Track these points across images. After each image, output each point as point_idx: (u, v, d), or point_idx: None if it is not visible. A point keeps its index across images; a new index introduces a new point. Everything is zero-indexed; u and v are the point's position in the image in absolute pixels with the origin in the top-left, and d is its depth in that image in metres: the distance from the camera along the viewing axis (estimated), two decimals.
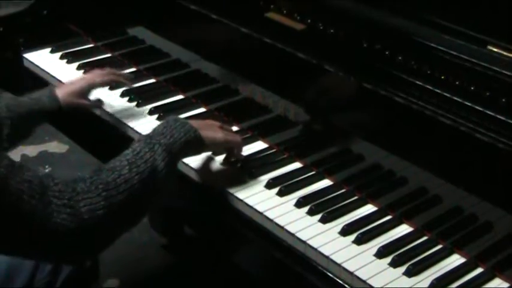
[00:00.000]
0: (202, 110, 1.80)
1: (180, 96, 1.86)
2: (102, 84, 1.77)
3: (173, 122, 1.43)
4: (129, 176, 1.29)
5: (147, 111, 1.78)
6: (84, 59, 2.02)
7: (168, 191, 1.38)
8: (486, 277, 1.27)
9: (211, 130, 1.49)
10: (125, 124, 1.73)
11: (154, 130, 1.41)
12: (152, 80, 1.95)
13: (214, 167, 1.57)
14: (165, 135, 1.39)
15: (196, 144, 1.44)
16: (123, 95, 1.85)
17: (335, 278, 1.31)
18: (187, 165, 1.57)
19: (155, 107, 1.79)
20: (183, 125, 1.42)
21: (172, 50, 1.97)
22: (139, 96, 1.83)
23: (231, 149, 1.55)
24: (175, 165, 1.40)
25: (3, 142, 1.48)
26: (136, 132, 1.69)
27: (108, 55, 2.07)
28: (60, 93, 1.66)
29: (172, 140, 1.39)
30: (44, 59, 2.02)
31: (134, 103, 1.82)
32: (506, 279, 1.26)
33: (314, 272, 1.34)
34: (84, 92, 1.72)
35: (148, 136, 1.39)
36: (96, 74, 1.76)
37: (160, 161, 1.34)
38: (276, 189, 1.50)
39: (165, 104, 1.81)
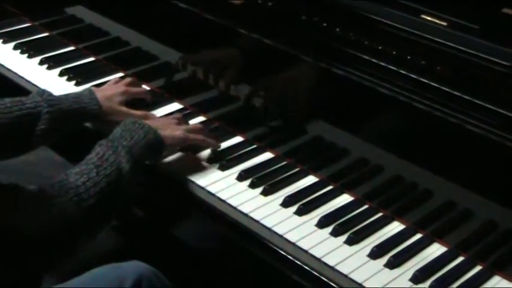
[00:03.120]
0: (145, 87, 1.78)
1: (121, 74, 1.84)
2: (137, 94, 1.69)
3: (131, 125, 1.41)
4: (97, 179, 1.28)
5: None
6: (21, 39, 1.98)
7: (133, 192, 1.37)
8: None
9: (170, 129, 1.47)
10: None
11: (114, 133, 1.39)
12: (92, 59, 1.92)
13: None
14: (125, 137, 1.38)
15: (157, 145, 1.43)
16: (61, 74, 1.82)
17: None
18: None
19: (95, 85, 1.76)
20: (142, 126, 1.41)
21: (112, 28, 1.95)
22: (78, 75, 1.81)
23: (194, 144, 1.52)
24: (139, 167, 1.38)
25: (34, 137, 1.47)
26: None
27: (46, 34, 2.03)
28: (98, 95, 1.59)
29: (133, 142, 1.37)
30: None
31: (73, 82, 1.79)
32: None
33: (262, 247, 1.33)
34: (123, 100, 1.64)
35: (109, 140, 1.37)
36: (129, 82, 1.69)
37: (125, 163, 1.33)
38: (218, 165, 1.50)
39: (105, 82, 1.78)
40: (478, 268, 1.26)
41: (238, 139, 1.59)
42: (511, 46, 1.27)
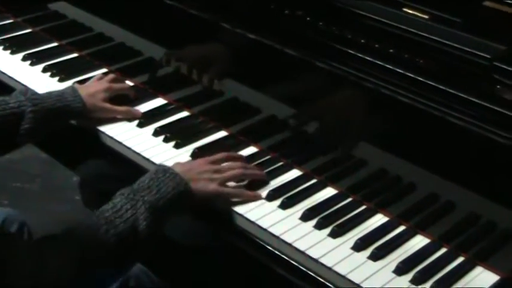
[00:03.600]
0: (129, 82, 1.78)
1: (104, 70, 1.84)
2: (121, 91, 1.67)
3: (161, 174, 1.30)
4: (105, 238, 1.18)
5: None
6: (4, 35, 1.97)
7: (151, 250, 1.26)
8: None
9: (204, 180, 1.34)
10: None
11: (140, 182, 1.28)
12: (75, 55, 1.92)
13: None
14: (151, 189, 1.26)
15: (185, 199, 1.31)
16: (45, 70, 1.81)
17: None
18: (120, 143, 1.56)
19: (78, 82, 1.75)
20: (172, 177, 1.29)
21: (95, 23, 1.94)
22: (62, 71, 1.80)
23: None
24: (160, 224, 1.26)
25: (19, 136, 1.45)
26: None
27: (29, 30, 2.02)
28: (82, 93, 1.58)
29: (158, 196, 1.26)
30: None
31: (57, 78, 1.79)
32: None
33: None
34: (106, 96, 1.62)
35: (132, 189, 1.26)
36: (112, 79, 1.68)
37: (142, 220, 1.22)
38: None
39: (89, 78, 1.77)
40: (460, 259, 1.27)
41: (222, 133, 1.59)
42: (492, 39, 1.27)
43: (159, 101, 1.70)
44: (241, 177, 1.40)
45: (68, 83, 1.75)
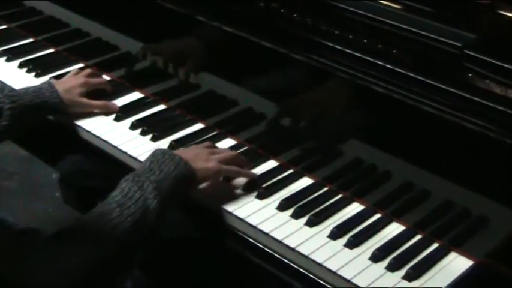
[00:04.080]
0: (105, 77, 1.78)
1: (81, 65, 1.84)
2: (97, 85, 1.68)
3: (161, 156, 1.31)
4: (119, 220, 1.17)
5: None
6: None
7: (161, 229, 1.25)
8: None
9: (202, 160, 1.35)
10: None
11: (141, 166, 1.30)
12: (51, 50, 1.92)
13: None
14: (154, 170, 1.27)
15: (188, 178, 1.31)
16: (21, 65, 1.81)
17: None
18: (97, 137, 1.56)
19: (55, 77, 1.76)
20: (172, 158, 1.30)
21: (71, 19, 1.94)
22: (38, 67, 1.80)
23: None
24: (168, 202, 1.26)
25: None
26: None
27: (5, 27, 2.02)
28: (59, 88, 1.58)
29: (162, 176, 1.26)
30: None
31: (33, 73, 1.79)
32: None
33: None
34: (83, 91, 1.63)
35: (135, 174, 1.26)
36: (88, 73, 1.68)
37: (152, 199, 1.22)
38: None
39: (66, 73, 1.77)
40: (435, 245, 1.28)
41: (199, 126, 1.60)
42: (462, 27, 1.29)
43: (136, 95, 1.71)
44: (234, 160, 1.42)
45: (45, 79, 1.75)
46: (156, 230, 1.23)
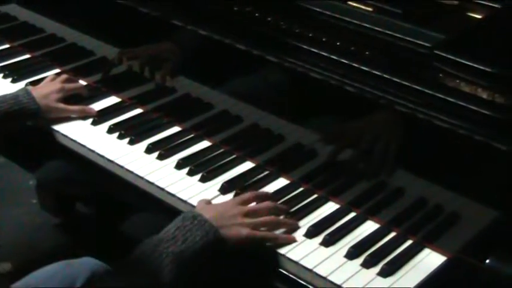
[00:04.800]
0: (82, 82, 1.78)
1: (57, 70, 1.84)
2: (74, 90, 1.69)
3: (189, 221, 1.22)
4: None
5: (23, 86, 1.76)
6: None
7: None
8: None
9: (235, 226, 1.26)
10: None
11: (166, 231, 1.21)
12: (27, 56, 1.92)
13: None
14: (177, 239, 1.18)
15: (216, 246, 1.22)
16: None
17: None
18: (75, 141, 1.57)
19: (31, 82, 1.76)
20: (201, 225, 1.21)
21: (46, 25, 1.95)
22: (14, 72, 1.81)
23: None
24: (185, 274, 1.18)
25: None
26: None
27: None
28: (35, 94, 1.59)
29: (184, 247, 1.18)
30: None
31: (9, 79, 1.79)
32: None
33: None
34: (60, 97, 1.64)
35: (157, 241, 1.19)
36: (65, 79, 1.69)
37: (167, 273, 1.15)
38: (156, 154, 1.52)
39: (42, 79, 1.78)
40: (409, 242, 1.31)
41: (176, 129, 1.61)
42: (432, 28, 1.32)
43: (113, 99, 1.72)
44: (273, 225, 1.31)
45: (21, 84, 1.76)
46: None
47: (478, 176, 1.25)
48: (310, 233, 1.31)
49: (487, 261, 1.17)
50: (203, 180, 1.44)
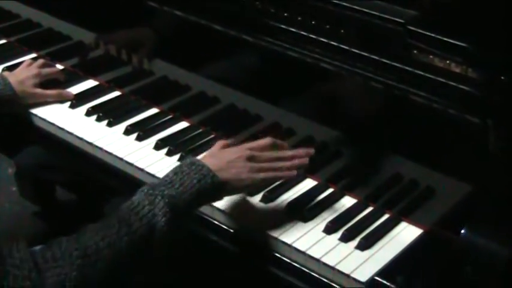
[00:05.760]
0: (59, 66, 1.78)
1: (34, 55, 1.84)
2: (51, 75, 1.69)
3: (187, 167, 1.20)
4: (115, 238, 1.08)
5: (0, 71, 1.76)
6: None
7: (168, 246, 1.16)
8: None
9: (236, 168, 1.23)
10: None
11: (163, 177, 1.20)
12: (3, 41, 1.92)
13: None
14: (174, 183, 1.16)
15: (213, 191, 1.21)
16: None
17: None
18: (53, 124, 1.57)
19: (7, 67, 1.76)
20: (199, 169, 1.19)
21: (21, 10, 1.94)
22: None
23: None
24: (181, 220, 1.17)
25: None
26: None
27: None
28: (11, 80, 1.59)
29: (180, 190, 1.16)
30: None
31: None
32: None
33: None
34: (37, 82, 1.64)
35: (151, 186, 1.17)
36: (41, 64, 1.69)
37: (161, 216, 1.12)
38: (135, 135, 1.53)
39: (19, 63, 1.78)
40: (386, 216, 1.33)
41: (154, 110, 1.62)
42: (404, 4, 1.33)
43: (90, 83, 1.73)
44: (278, 160, 1.30)
45: None
46: (158, 248, 1.14)
47: (452, 151, 1.27)
48: (290, 210, 1.33)
49: (461, 233, 1.19)
50: (182, 160, 1.45)
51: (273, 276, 1.27)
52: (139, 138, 1.52)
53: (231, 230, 1.32)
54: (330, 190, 1.39)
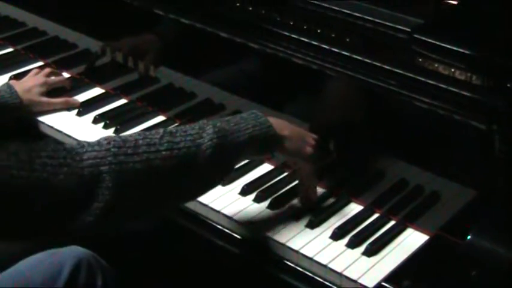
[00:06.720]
0: (65, 74, 1.80)
1: (40, 63, 1.86)
2: (57, 83, 1.70)
3: (247, 114, 1.20)
4: (156, 141, 1.04)
5: (7, 79, 1.77)
6: None
7: (211, 183, 1.15)
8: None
9: (301, 142, 1.26)
10: None
11: (224, 117, 1.19)
12: (10, 49, 1.93)
13: None
14: (230, 121, 1.15)
15: (265, 141, 1.19)
16: None
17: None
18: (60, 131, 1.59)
19: (14, 75, 1.77)
20: (258, 118, 1.19)
21: (28, 19, 1.96)
22: None
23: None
24: (227, 154, 1.13)
25: None
26: None
27: None
28: (18, 89, 1.60)
29: (233, 128, 1.14)
30: None
31: None
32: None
33: None
34: (43, 90, 1.65)
35: (209, 119, 1.16)
36: (48, 73, 1.70)
37: (207, 140, 1.09)
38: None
39: (25, 72, 1.79)
40: (392, 222, 1.34)
41: (160, 118, 1.64)
42: (410, 13, 1.35)
43: (97, 90, 1.74)
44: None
45: (4, 77, 1.77)
46: (202, 180, 1.11)
47: (457, 157, 1.28)
48: (297, 216, 1.34)
49: (467, 238, 1.20)
50: None
51: (280, 282, 1.28)
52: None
53: (239, 237, 1.33)
54: (337, 197, 1.40)
